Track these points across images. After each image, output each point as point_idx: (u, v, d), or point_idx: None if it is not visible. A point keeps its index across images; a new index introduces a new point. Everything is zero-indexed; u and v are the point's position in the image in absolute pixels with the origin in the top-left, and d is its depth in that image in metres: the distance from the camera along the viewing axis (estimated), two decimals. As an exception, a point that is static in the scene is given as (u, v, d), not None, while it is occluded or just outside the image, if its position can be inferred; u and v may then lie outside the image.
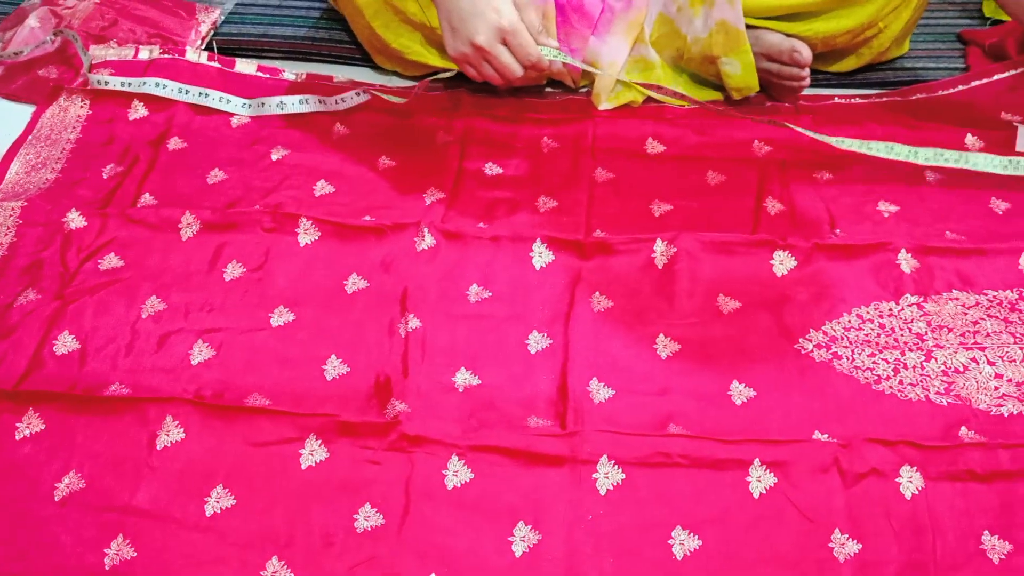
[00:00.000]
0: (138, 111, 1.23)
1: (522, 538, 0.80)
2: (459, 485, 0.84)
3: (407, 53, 1.27)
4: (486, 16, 1.08)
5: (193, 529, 0.81)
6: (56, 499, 0.84)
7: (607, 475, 0.84)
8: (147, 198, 1.12)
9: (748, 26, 1.18)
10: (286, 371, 0.94)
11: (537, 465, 0.85)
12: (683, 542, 0.80)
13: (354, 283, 1.02)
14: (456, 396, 0.92)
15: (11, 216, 1.09)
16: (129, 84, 1.25)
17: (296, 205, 1.10)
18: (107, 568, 0.79)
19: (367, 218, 1.08)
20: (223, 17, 1.44)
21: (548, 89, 1.30)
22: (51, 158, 1.19)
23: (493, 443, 0.86)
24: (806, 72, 1.20)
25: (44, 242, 1.06)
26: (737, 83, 1.22)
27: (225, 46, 1.39)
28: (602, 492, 0.83)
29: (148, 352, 0.96)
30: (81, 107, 1.25)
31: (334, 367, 0.94)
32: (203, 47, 1.35)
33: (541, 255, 1.03)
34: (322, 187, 1.13)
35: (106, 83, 1.26)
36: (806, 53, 1.18)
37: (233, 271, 1.03)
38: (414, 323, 0.97)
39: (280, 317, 0.99)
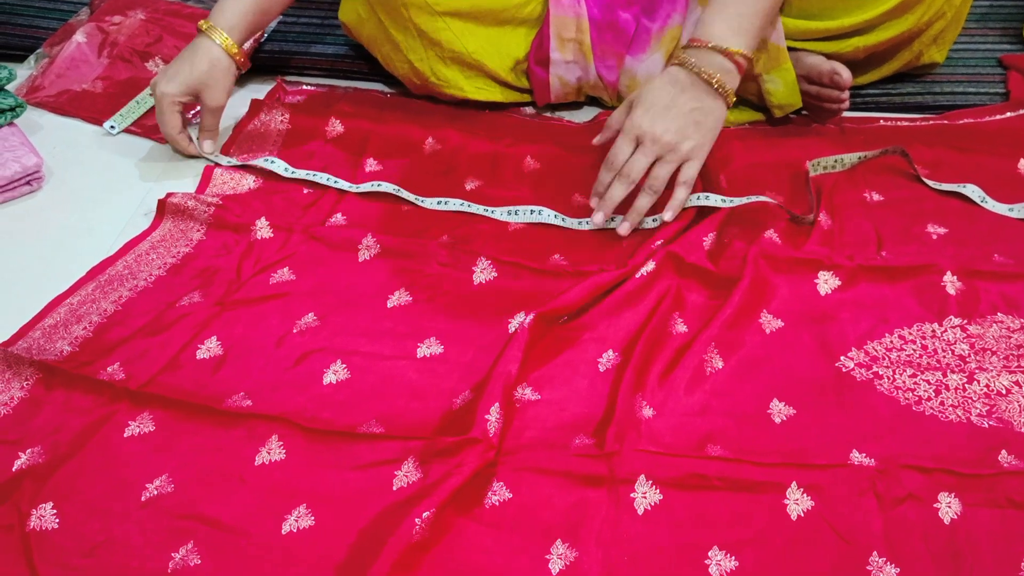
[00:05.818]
0: (335, 127, 1.26)
1: (559, 555, 0.79)
2: (497, 504, 0.83)
3: (445, 87, 1.27)
4: (166, 73, 1.18)
5: (264, 546, 0.80)
6: (142, 500, 0.83)
7: (644, 495, 0.83)
8: (338, 218, 1.13)
9: (788, 48, 1.19)
10: (413, 402, 0.92)
11: (576, 485, 0.84)
12: (720, 562, 0.79)
13: (518, 322, 0.98)
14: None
15: (205, 213, 1.10)
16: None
17: (482, 242, 1.09)
18: (168, 571, 0.78)
19: (557, 257, 1.07)
20: (266, 35, 1.46)
21: (587, 106, 1.31)
22: (252, 169, 1.20)
23: (532, 463, 0.85)
24: (846, 95, 1.21)
25: (228, 247, 1.08)
26: (780, 100, 1.22)
27: (268, 64, 1.41)
28: (640, 512, 0.82)
29: (284, 366, 0.95)
30: (281, 122, 1.28)
31: (463, 399, 0.92)
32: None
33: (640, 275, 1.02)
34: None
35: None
36: (846, 75, 1.18)
37: (399, 298, 1.02)
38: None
39: (428, 348, 0.97)
